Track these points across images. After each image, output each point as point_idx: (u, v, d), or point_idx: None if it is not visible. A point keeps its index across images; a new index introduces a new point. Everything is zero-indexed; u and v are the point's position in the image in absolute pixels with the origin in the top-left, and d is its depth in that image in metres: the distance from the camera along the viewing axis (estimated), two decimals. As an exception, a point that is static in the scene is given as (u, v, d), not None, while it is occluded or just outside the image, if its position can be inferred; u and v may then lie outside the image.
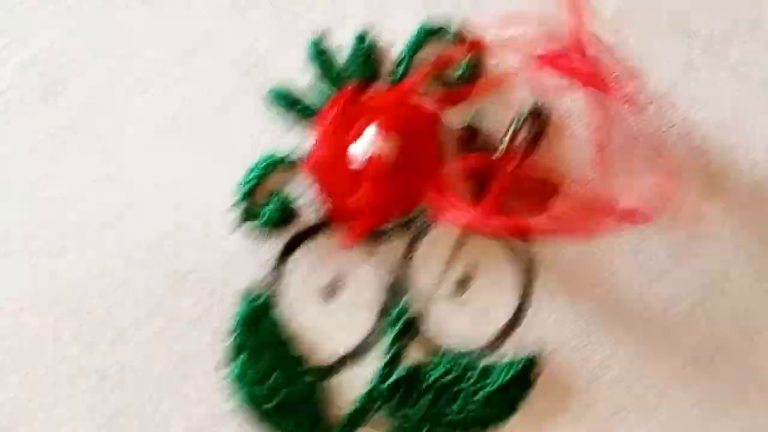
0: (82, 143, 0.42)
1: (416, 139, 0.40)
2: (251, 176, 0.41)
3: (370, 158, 0.39)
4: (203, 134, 0.42)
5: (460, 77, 0.41)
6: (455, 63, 0.41)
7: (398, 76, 0.41)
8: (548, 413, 0.41)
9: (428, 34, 0.41)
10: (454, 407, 0.40)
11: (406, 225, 0.41)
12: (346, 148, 0.40)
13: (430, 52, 0.41)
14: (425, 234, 0.41)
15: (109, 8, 0.42)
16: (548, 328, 0.41)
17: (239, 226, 0.41)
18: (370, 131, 0.39)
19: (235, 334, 0.41)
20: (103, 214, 0.42)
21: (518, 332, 0.41)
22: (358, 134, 0.39)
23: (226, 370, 0.41)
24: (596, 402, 0.41)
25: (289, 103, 0.41)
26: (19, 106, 0.42)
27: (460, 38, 0.41)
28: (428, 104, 0.41)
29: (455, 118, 0.41)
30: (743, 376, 0.41)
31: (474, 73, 0.41)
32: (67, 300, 0.41)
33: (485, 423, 0.40)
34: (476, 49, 0.41)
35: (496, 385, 0.40)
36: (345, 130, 0.40)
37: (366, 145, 0.39)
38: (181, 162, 0.42)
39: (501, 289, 0.41)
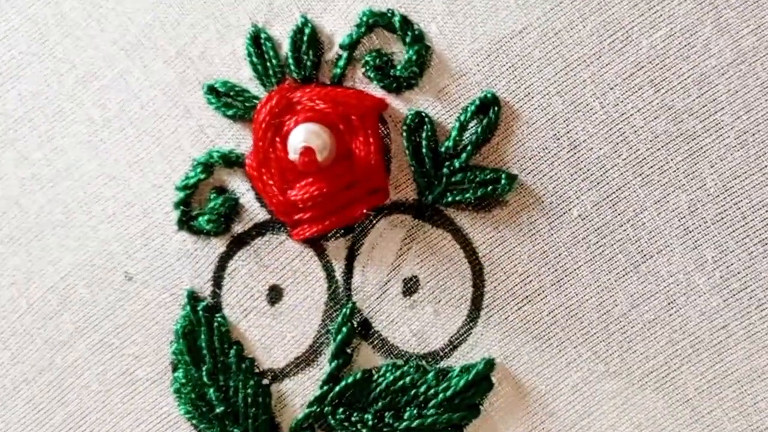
0: (25, 142, 0.41)
1: (357, 130, 0.38)
2: (192, 174, 0.39)
3: (304, 150, 0.36)
4: (144, 131, 0.40)
5: (405, 68, 0.38)
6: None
7: (339, 69, 0.39)
8: (505, 422, 0.38)
9: (371, 23, 0.39)
10: (410, 413, 0.38)
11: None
12: (282, 144, 0.38)
13: (372, 44, 0.39)
14: (370, 230, 0.39)
15: (51, 6, 0.41)
16: (505, 332, 0.38)
17: (181, 226, 0.39)
18: (304, 124, 0.37)
19: (176, 340, 0.39)
20: (47, 216, 0.41)
21: (473, 335, 0.38)
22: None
23: (171, 376, 0.39)
24: (556, 410, 0.38)
25: (229, 97, 0.39)
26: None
27: (403, 28, 0.38)
28: (373, 93, 0.38)
29: (403, 107, 0.39)
30: (711, 381, 0.37)
31: (418, 64, 0.38)
32: (10, 304, 0.41)
33: (444, 428, 0.38)
34: (419, 41, 0.38)
35: (453, 390, 0.38)
36: (280, 125, 0.38)
37: (297, 139, 0.37)
38: (125, 159, 0.40)
39: (452, 290, 0.38)
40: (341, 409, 0.39)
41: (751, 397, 0.37)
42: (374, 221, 0.39)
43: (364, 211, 0.38)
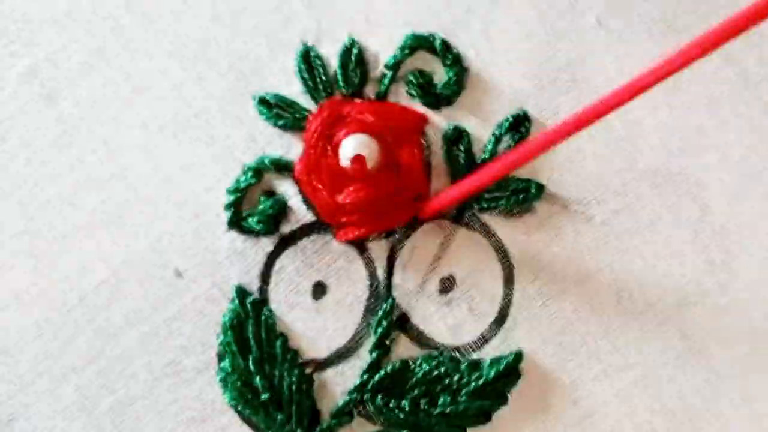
0: (81, 148, 0.43)
1: (401, 142, 0.41)
2: (243, 178, 0.42)
3: (353, 159, 0.40)
4: (197, 138, 0.43)
5: (445, 88, 0.42)
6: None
7: (384, 86, 0.43)
8: (532, 410, 0.42)
9: (414, 46, 0.43)
10: (444, 400, 0.41)
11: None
12: (333, 152, 0.41)
13: (414, 64, 0.43)
14: (411, 233, 0.42)
15: (108, 18, 0.44)
16: (532, 327, 0.42)
17: (231, 227, 0.42)
18: (355, 135, 0.41)
19: (224, 332, 0.42)
20: (100, 215, 0.43)
21: (503, 330, 0.42)
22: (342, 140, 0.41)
23: (217, 366, 0.42)
24: (579, 399, 0.42)
25: (280, 109, 0.43)
26: (21, 111, 0.43)
27: (445, 50, 0.42)
28: (415, 109, 0.42)
29: (443, 122, 0.42)
30: (728, 371, 0.42)
31: (457, 84, 0.42)
32: (64, 296, 0.43)
33: (474, 415, 0.41)
34: (458, 63, 0.42)
35: (484, 379, 0.41)
36: (331, 136, 0.41)
37: (349, 147, 0.40)
38: (175, 165, 0.43)
39: (485, 288, 0.42)
40: (380, 396, 0.42)
41: (754, 390, 0.41)
42: (415, 225, 0.42)
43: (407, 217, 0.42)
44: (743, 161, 0.42)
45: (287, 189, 0.43)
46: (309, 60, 0.43)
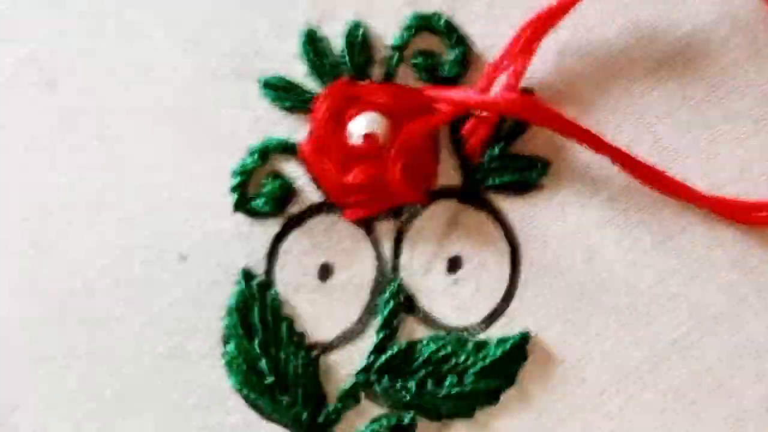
0: (81, 132, 0.43)
1: (409, 122, 0.41)
2: (249, 160, 0.42)
3: (365, 136, 0.40)
4: (202, 121, 0.43)
5: (451, 68, 0.42)
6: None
7: (390, 67, 0.43)
8: (540, 390, 0.41)
9: (418, 26, 0.43)
10: (450, 381, 0.41)
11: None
12: (341, 132, 0.41)
13: (420, 44, 0.43)
14: (418, 213, 0.42)
15: (107, 1, 0.44)
16: (539, 305, 0.42)
17: (237, 208, 0.42)
18: (366, 113, 0.40)
19: (229, 315, 0.41)
20: (103, 199, 0.43)
21: (510, 309, 0.42)
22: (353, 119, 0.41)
23: (223, 349, 0.42)
24: (587, 377, 0.41)
25: (285, 91, 0.43)
26: (19, 98, 0.43)
27: (449, 30, 0.42)
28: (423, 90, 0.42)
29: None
30: (732, 352, 0.41)
31: (462, 64, 0.42)
32: (66, 283, 0.42)
33: (481, 395, 0.41)
34: (463, 42, 0.42)
35: (491, 359, 0.41)
36: (340, 116, 0.41)
37: (361, 125, 0.40)
38: (180, 147, 0.43)
39: (492, 267, 0.42)
40: (386, 377, 0.41)
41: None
42: (423, 205, 0.42)
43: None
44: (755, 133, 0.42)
45: (293, 171, 0.43)
46: (314, 42, 0.43)
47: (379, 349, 0.42)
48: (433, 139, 0.42)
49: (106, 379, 0.42)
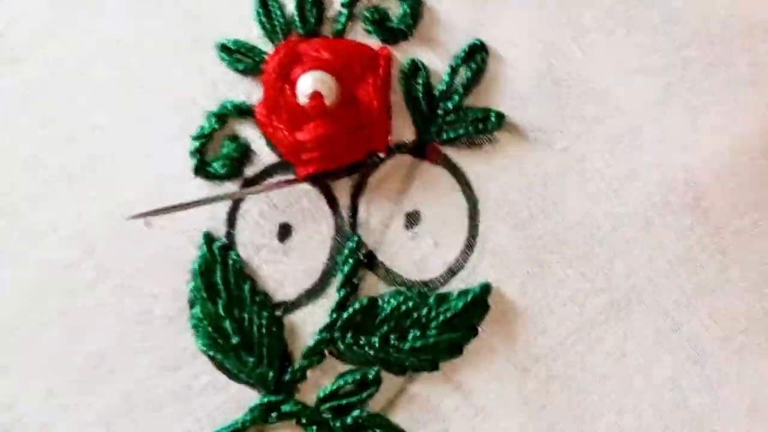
0: (46, 106, 0.43)
1: (360, 78, 0.41)
2: (207, 124, 0.43)
3: (311, 95, 0.40)
4: (159, 89, 0.43)
5: (400, 22, 0.42)
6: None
7: (341, 24, 0.43)
8: (502, 341, 0.42)
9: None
10: (413, 335, 0.41)
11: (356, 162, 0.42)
12: (291, 91, 0.41)
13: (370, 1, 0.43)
14: (374, 170, 0.42)
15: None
16: (499, 257, 0.42)
17: (197, 173, 0.42)
18: (312, 72, 0.41)
19: (193, 279, 0.42)
20: (68, 171, 0.43)
21: (470, 262, 0.42)
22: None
23: (189, 312, 0.42)
24: (548, 327, 0.41)
25: (240, 54, 0.43)
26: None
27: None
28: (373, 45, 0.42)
29: (399, 56, 0.42)
30: (688, 294, 0.41)
31: (412, 17, 0.42)
32: (35, 252, 0.43)
33: (445, 348, 0.41)
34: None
35: (453, 312, 0.41)
36: (288, 75, 0.41)
37: (307, 83, 0.40)
38: (140, 116, 0.43)
39: (450, 220, 0.42)
40: (349, 334, 0.42)
41: (724, 307, 0.41)
42: (377, 161, 0.42)
43: (368, 152, 0.41)
44: (706, 77, 0.41)
45: (250, 133, 0.43)
46: (266, 3, 0.43)
47: (341, 306, 0.42)
48: (384, 94, 0.42)
49: (78, 345, 0.43)
